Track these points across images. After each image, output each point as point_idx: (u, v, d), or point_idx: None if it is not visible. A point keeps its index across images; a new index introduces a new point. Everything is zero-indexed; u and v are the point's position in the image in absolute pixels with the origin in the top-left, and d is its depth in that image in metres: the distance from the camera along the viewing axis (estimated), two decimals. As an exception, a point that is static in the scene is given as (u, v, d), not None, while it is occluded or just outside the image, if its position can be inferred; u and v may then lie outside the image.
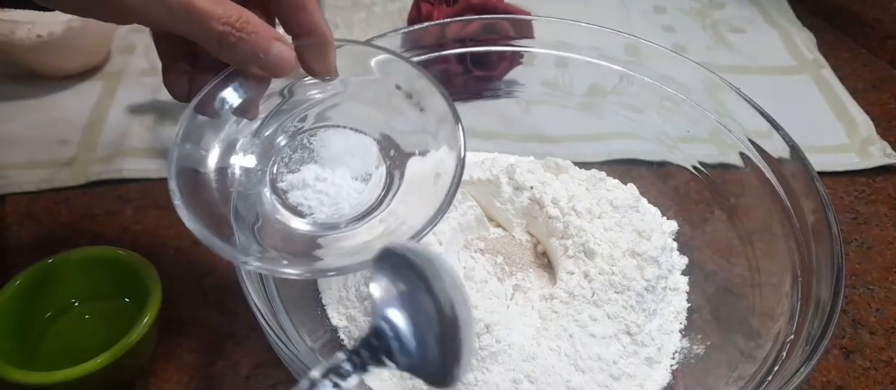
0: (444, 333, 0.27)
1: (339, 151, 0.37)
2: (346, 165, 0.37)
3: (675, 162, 0.50)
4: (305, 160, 0.37)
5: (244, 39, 0.29)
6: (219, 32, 0.29)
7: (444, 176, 0.34)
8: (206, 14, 0.28)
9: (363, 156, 0.37)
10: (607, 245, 0.42)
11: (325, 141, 0.37)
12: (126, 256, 0.43)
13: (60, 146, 0.57)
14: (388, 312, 0.28)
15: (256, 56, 0.30)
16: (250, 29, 0.29)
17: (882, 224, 0.54)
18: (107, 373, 0.38)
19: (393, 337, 0.27)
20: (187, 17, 0.28)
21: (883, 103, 0.66)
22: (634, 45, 0.49)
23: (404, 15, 0.67)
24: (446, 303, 0.27)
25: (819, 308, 0.34)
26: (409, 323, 0.28)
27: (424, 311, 0.27)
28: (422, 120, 0.36)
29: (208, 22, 0.28)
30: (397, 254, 0.29)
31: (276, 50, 0.31)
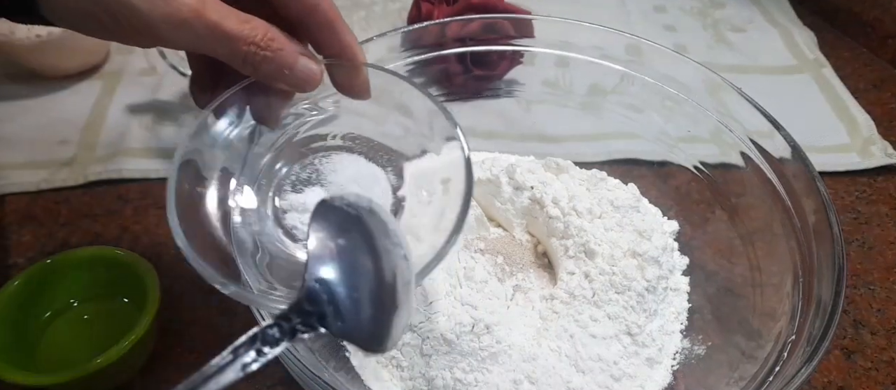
0: (381, 289, 0.26)
1: (347, 178, 0.36)
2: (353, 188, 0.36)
3: (676, 162, 0.49)
4: (311, 182, 0.36)
5: (269, 57, 0.29)
6: (244, 52, 0.28)
7: (454, 181, 0.33)
8: (232, 35, 0.28)
9: (370, 187, 0.36)
10: (608, 245, 0.42)
11: (336, 165, 0.37)
12: (125, 256, 0.43)
13: (60, 146, 0.57)
14: (322, 272, 0.26)
15: (282, 73, 0.30)
16: (276, 46, 0.29)
17: (883, 224, 0.54)
18: (106, 374, 0.38)
19: (327, 302, 0.26)
20: (214, 39, 0.28)
21: (884, 103, 0.66)
22: (635, 45, 0.48)
23: (404, 14, 0.67)
24: (385, 258, 0.26)
25: (820, 308, 0.34)
26: (344, 284, 0.26)
27: (363, 270, 0.26)
28: (411, 123, 0.36)
29: (234, 43, 0.28)
30: (336, 206, 0.27)
31: (301, 66, 0.30)
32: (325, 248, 0.27)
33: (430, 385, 0.38)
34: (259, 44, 0.29)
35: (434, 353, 0.39)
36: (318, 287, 0.26)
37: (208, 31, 0.27)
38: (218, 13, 0.27)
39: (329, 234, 0.27)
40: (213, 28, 0.27)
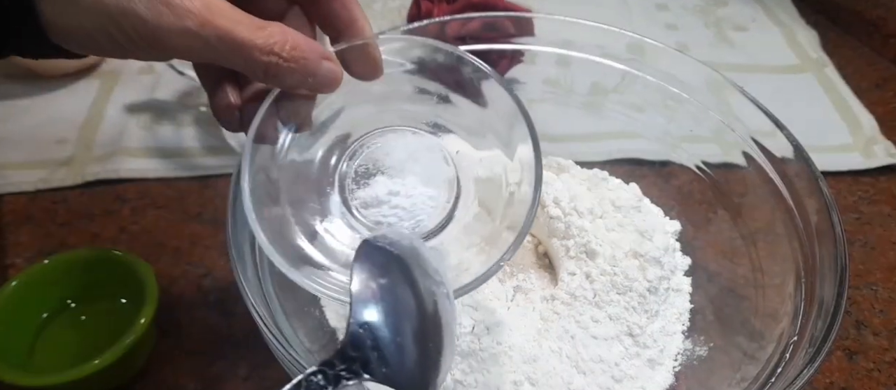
0: (425, 331, 0.25)
1: (402, 158, 0.35)
2: (414, 173, 0.35)
3: (678, 161, 0.49)
4: (371, 172, 0.35)
5: (293, 68, 0.27)
6: (264, 63, 0.27)
7: (518, 201, 0.33)
8: (248, 45, 0.26)
9: (428, 160, 0.36)
10: (609, 245, 0.42)
11: (386, 147, 0.36)
12: (123, 257, 0.42)
13: (58, 146, 0.57)
14: (365, 315, 0.25)
15: (306, 81, 0.29)
16: (298, 54, 0.27)
17: (886, 224, 0.54)
18: (105, 375, 0.38)
19: (371, 347, 0.25)
20: (228, 49, 0.26)
21: (887, 102, 0.66)
22: (637, 44, 0.48)
23: (404, 12, 0.67)
24: (428, 299, 0.26)
25: (822, 309, 0.34)
26: (388, 325, 0.25)
27: (405, 308, 0.26)
28: (481, 113, 0.35)
29: (251, 52, 0.26)
30: (377, 246, 0.27)
31: (324, 70, 0.29)
32: (368, 290, 0.26)
33: (429, 386, 0.38)
34: (280, 54, 0.27)
35: (434, 354, 0.38)
36: (362, 331, 0.25)
37: (219, 41, 0.26)
38: (228, 19, 0.26)
39: (372, 275, 0.27)
40: (224, 37, 0.26)
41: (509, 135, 0.34)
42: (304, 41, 0.28)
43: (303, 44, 0.28)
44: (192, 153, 0.57)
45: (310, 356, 0.35)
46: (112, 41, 0.26)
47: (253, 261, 0.36)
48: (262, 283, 0.36)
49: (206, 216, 0.52)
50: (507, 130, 0.34)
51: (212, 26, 0.25)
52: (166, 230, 0.51)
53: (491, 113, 0.35)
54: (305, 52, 0.28)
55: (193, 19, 0.25)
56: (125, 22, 0.25)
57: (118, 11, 0.24)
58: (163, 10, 0.25)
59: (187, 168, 0.55)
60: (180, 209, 0.53)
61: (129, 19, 0.25)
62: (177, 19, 0.25)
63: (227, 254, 0.33)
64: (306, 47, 0.28)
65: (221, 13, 0.26)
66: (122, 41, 0.26)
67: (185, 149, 0.57)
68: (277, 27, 0.27)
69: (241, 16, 0.26)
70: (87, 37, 0.26)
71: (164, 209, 0.52)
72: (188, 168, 0.55)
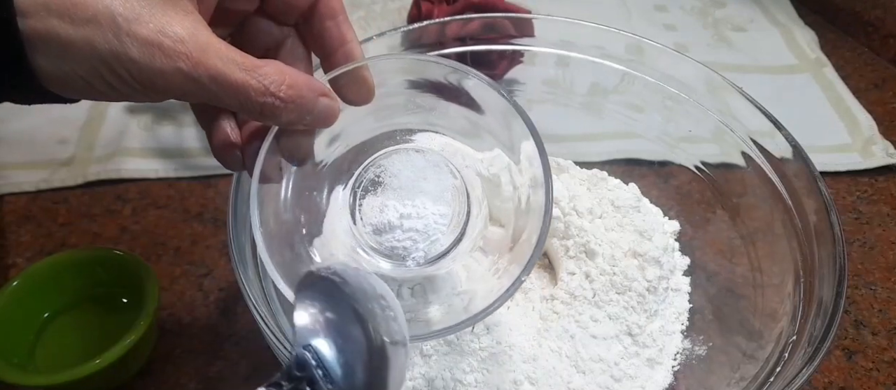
0: (372, 361, 0.26)
1: (410, 178, 0.35)
2: (423, 192, 0.35)
3: (677, 161, 0.49)
4: (380, 197, 0.35)
5: (288, 106, 0.27)
6: (260, 104, 0.26)
7: (531, 209, 0.32)
8: (243, 86, 0.26)
9: (436, 177, 0.36)
10: (608, 245, 0.42)
11: (392, 170, 0.35)
12: (124, 257, 0.43)
13: (59, 146, 0.57)
14: (312, 341, 0.26)
15: (303, 118, 0.28)
16: (294, 94, 0.27)
17: (885, 224, 0.54)
18: (106, 374, 0.38)
19: (316, 366, 0.26)
20: (222, 91, 0.26)
21: (885, 102, 0.66)
22: (636, 44, 0.48)
23: (404, 13, 0.67)
24: (374, 326, 0.26)
25: (821, 308, 0.34)
26: (335, 350, 0.26)
27: (352, 338, 0.27)
28: (477, 118, 0.35)
29: (247, 94, 0.26)
30: (322, 277, 0.27)
31: (321, 107, 0.28)
32: (311, 316, 0.27)
33: (430, 385, 0.38)
34: (276, 94, 0.26)
35: (434, 354, 0.38)
36: (307, 354, 0.26)
37: (213, 82, 0.25)
38: (222, 60, 0.25)
39: (314, 302, 0.27)
40: (218, 78, 0.25)
41: (510, 136, 0.34)
42: (300, 79, 0.28)
43: (299, 82, 0.27)
44: (192, 153, 0.57)
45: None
46: (106, 85, 0.25)
47: (253, 260, 0.36)
48: (263, 283, 0.36)
49: (207, 216, 0.52)
50: (507, 131, 0.34)
51: (204, 68, 0.25)
52: (167, 230, 0.51)
53: (489, 118, 0.35)
54: (302, 90, 0.27)
55: (186, 61, 0.25)
56: (118, 65, 0.24)
57: (111, 55, 0.24)
58: (155, 52, 0.24)
59: (188, 168, 0.56)
60: (181, 209, 0.53)
61: (122, 63, 0.24)
62: (169, 61, 0.24)
63: (228, 254, 0.34)
64: (303, 85, 0.27)
65: (216, 54, 0.25)
66: (117, 85, 0.25)
67: (186, 149, 0.57)
68: (273, 67, 0.27)
69: (235, 55, 0.26)
70: (82, 82, 0.25)
71: (165, 209, 0.53)
72: (189, 168, 0.56)
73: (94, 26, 0.24)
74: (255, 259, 0.36)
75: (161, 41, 0.24)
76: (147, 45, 0.24)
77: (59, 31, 0.24)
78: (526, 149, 0.33)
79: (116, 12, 0.24)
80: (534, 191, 0.33)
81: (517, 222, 0.35)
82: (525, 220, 0.34)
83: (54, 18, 0.24)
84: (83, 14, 0.24)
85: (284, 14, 0.31)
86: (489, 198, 0.46)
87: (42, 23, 0.24)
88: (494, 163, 0.47)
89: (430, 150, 0.36)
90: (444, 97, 0.35)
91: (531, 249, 0.30)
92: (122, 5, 0.24)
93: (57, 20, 0.24)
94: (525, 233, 0.33)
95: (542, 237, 0.30)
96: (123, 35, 0.24)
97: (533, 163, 0.32)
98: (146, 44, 0.24)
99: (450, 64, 0.33)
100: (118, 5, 0.24)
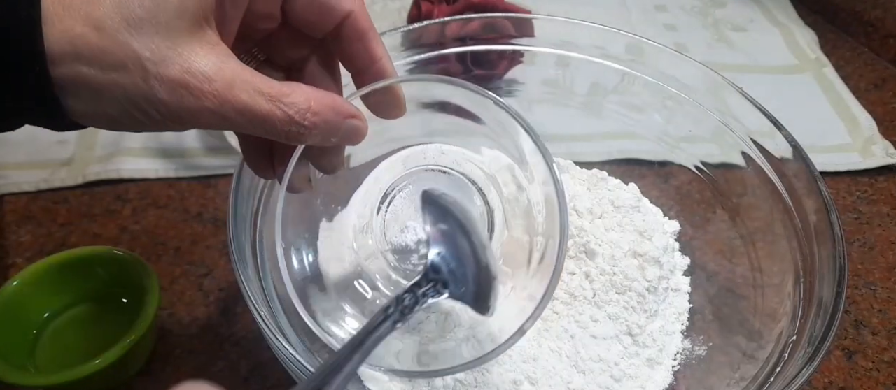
0: (480, 275, 0.32)
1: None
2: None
3: (677, 161, 0.49)
4: (402, 219, 0.36)
5: (314, 132, 0.27)
6: (285, 132, 0.27)
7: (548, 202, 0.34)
8: (268, 118, 0.26)
9: (462, 199, 0.36)
10: (608, 245, 0.42)
11: (418, 188, 0.36)
12: (124, 256, 0.43)
13: (58, 146, 0.57)
14: (440, 248, 0.32)
15: (328, 140, 0.29)
16: (319, 120, 0.27)
17: (884, 224, 0.54)
18: (106, 374, 0.38)
19: (448, 272, 0.31)
20: (249, 122, 0.26)
21: (885, 102, 0.66)
22: (636, 44, 0.48)
23: (404, 14, 0.67)
24: (480, 249, 0.32)
25: (821, 308, 0.34)
26: (455, 257, 0.32)
27: (464, 251, 0.32)
28: (459, 122, 0.36)
29: (271, 124, 0.26)
30: (434, 197, 0.33)
31: (346, 128, 0.29)
32: (438, 231, 0.33)
33: (430, 385, 0.38)
34: (300, 122, 0.27)
35: (434, 354, 0.38)
36: (439, 259, 0.32)
37: (239, 115, 0.26)
38: (247, 92, 0.26)
39: (435, 220, 0.33)
40: (244, 112, 0.26)
41: (515, 147, 0.35)
42: (326, 102, 0.28)
43: (324, 107, 0.27)
44: (192, 153, 0.57)
45: (310, 355, 0.36)
46: (136, 122, 0.26)
47: (254, 260, 0.36)
48: (263, 283, 0.36)
49: (207, 216, 0.52)
50: (512, 142, 0.35)
51: (231, 104, 0.25)
52: (167, 230, 0.51)
53: (487, 128, 0.36)
54: (327, 115, 0.27)
55: (213, 100, 0.25)
56: (148, 106, 0.25)
57: (141, 98, 0.25)
58: (183, 92, 0.25)
59: (188, 168, 0.56)
60: (181, 209, 0.53)
61: (152, 104, 0.25)
62: (196, 100, 0.25)
63: (228, 254, 0.34)
64: (328, 109, 0.28)
65: (242, 87, 0.26)
66: (146, 121, 0.26)
67: (186, 149, 0.57)
68: (299, 94, 0.27)
69: (261, 85, 0.26)
70: (112, 120, 0.26)
71: (165, 209, 0.53)
72: (189, 168, 0.56)
73: (123, 72, 0.24)
74: (255, 259, 0.36)
75: (187, 81, 0.25)
76: (175, 87, 0.25)
77: (89, 77, 0.24)
78: (532, 161, 0.34)
79: (144, 57, 0.24)
80: (547, 209, 0.34)
81: (531, 236, 0.36)
82: (538, 236, 0.35)
83: (84, 66, 0.24)
84: (111, 60, 0.24)
85: (309, 33, 0.31)
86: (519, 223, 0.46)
87: (72, 70, 0.24)
88: (495, 164, 0.47)
89: (454, 173, 0.37)
90: (447, 111, 0.36)
91: (551, 271, 0.31)
92: (148, 49, 0.24)
93: (86, 67, 0.24)
94: (539, 251, 0.35)
95: (561, 257, 0.31)
96: (151, 78, 0.24)
97: (545, 181, 0.33)
98: (174, 85, 0.25)
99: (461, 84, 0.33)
100: (144, 49, 0.24)
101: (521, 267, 0.36)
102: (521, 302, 0.33)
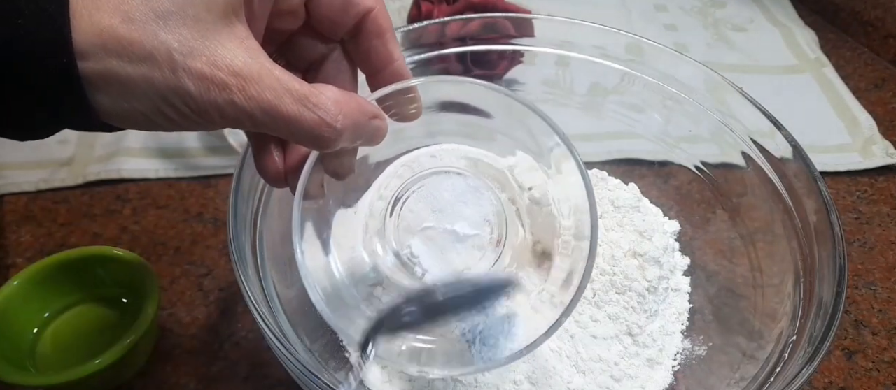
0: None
1: (450, 201, 0.36)
2: (462, 217, 0.36)
3: (677, 161, 0.49)
4: (418, 220, 0.36)
5: (344, 134, 0.27)
6: (314, 135, 0.26)
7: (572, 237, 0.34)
8: (295, 119, 0.26)
9: (476, 200, 0.36)
10: (608, 245, 0.42)
11: (433, 190, 0.36)
12: (124, 256, 0.43)
13: (59, 146, 0.57)
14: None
15: (354, 143, 0.29)
16: (349, 123, 0.27)
17: (884, 224, 0.54)
18: (106, 374, 0.38)
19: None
20: (274, 122, 0.26)
21: (885, 102, 0.66)
22: (636, 44, 0.48)
23: (404, 14, 0.67)
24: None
25: (821, 308, 0.34)
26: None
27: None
28: (481, 121, 0.36)
29: (298, 126, 0.26)
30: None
31: (371, 129, 0.28)
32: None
33: (430, 385, 0.38)
34: (332, 125, 0.26)
35: (434, 354, 0.38)
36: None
37: (265, 115, 0.25)
38: (274, 91, 0.25)
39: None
40: (270, 111, 0.25)
41: (536, 143, 0.35)
42: (353, 105, 0.27)
43: (353, 109, 0.27)
44: (193, 153, 0.57)
45: (310, 355, 0.36)
46: (165, 118, 0.26)
47: (253, 260, 0.36)
48: (263, 283, 0.36)
49: (207, 216, 0.52)
50: (535, 143, 0.35)
51: (256, 101, 0.25)
52: (167, 230, 0.51)
53: (498, 122, 0.36)
54: (356, 117, 0.27)
55: (239, 94, 0.25)
56: (177, 100, 0.25)
57: (169, 91, 0.24)
58: (210, 86, 0.24)
59: (188, 168, 0.56)
60: (181, 209, 0.53)
61: (180, 97, 0.25)
62: (224, 94, 0.25)
63: (228, 254, 0.34)
64: (356, 112, 0.27)
65: (269, 84, 0.25)
66: (176, 118, 0.25)
67: (186, 149, 0.57)
68: (327, 96, 0.26)
69: (289, 83, 0.26)
70: (141, 116, 0.26)
71: (165, 209, 0.53)
72: (189, 168, 0.56)
73: (152, 64, 0.24)
74: (255, 259, 0.36)
75: (215, 74, 0.24)
76: (202, 79, 0.24)
77: (118, 71, 0.24)
78: (556, 157, 0.34)
79: (172, 48, 0.24)
80: (572, 207, 0.34)
81: (552, 237, 0.36)
82: (568, 247, 0.35)
83: (113, 59, 0.24)
84: (140, 52, 0.24)
85: (330, 32, 0.30)
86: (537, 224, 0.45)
87: (101, 64, 0.24)
88: (495, 164, 0.47)
89: (469, 174, 0.37)
90: (454, 110, 0.36)
91: (579, 281, 0.31)
92: (176, 40, 0.24)
93: (115, 60, 0.24)
94: (564, 252, 0.35)
95: (589, 268, 0.31)
96: (180, 70, 0.24)
97: (572, 183, 0.33)
98: (202, 77, 0.24)
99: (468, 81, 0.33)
100: (173, 41, 0.24)
101: (541, 268, 0.36)
102: (543, 307, 0.33)
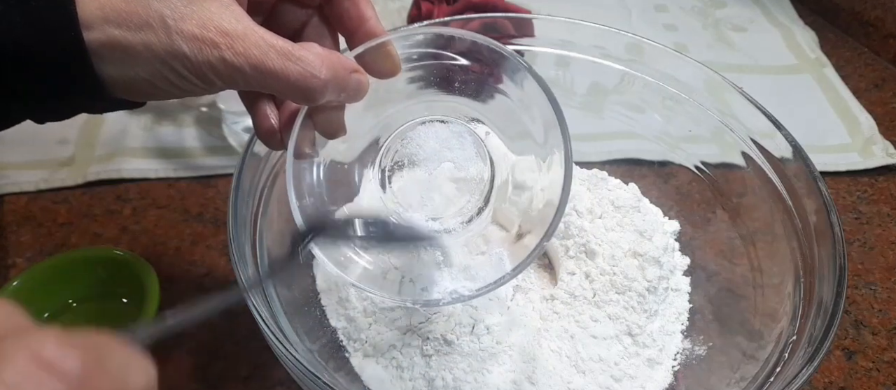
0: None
1: (435, 149, 0.37)
2: (448, 161, 0.37)
3: (677, 161, 0.49)
4: (404, 166, 0.37)
5: (328, 86, 0.29)
6: (301, 88, 0.29)
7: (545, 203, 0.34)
8: (281, 73, 0.28)
9: (460, 146, 0.38)
10: (608, 245, 0.42)
11: (418, 140, 0.37)
12: (124, 256, 0.43)
13: (59, 146, 0.57)
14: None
15: (337, 96, 0.31)
16: (332, 75, 0.29)
17: (884, 224, 0.54)
18: (105, 374, 0.38)
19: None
20: (263, 78, 0.28)
21: (885, 102, 0.66)
22: (636, 44, 0.48)
23: (404, 14, 0.67)
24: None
25: (821, 308, 0.34)
26: None
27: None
28: (514, 111, 0.36)
29: (285, 79, 0.28)
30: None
31: (353, 83, 0.31)
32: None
33: (430, 385, 0.38)
34: (317, 76, 0.28)
35: (434, 354, 0.38)
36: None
37: (254, 71, 0.28)
38: (259, 48, 0.28)
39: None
40: (258, 66, 0.28)
41: (545, 139, 0.35)
42: (334, 59, 0.30)
43: (334, 62, 0.29)
44: (192, 153, 0.57)
45: (310, 355, 0.36)
46: (168, 83, 0.28)
47: (253, 260, 0.36)
48: (263, 283, 0.36)
49: (207, 216, 0.52)
50: (543, 134, 0.35)
51: (244, 57, 0.27)
52: (167, 230, 0.51)
53: (525, 116, 0.36)
54: (338, 70, 0.29)
55: (228, 51, 0.27)
56: (175, 62, 0.27)
57: (167, 54, 0.27)
58: (202, 46, 0.27)
59: (188, 168, 0.56)
60: (181, 209, 0.53)
61: (177, 59, 0.27)
62: (215, 52, 0.27)
63: (228, 254, 0.34)
64: (337, 65, 0.30)
65: (254, 42, 0.28)
66: (176, 81, 0.28)
67: (186, 149, 0.57)
68: (308, 50, 0.29)
69: (273, 40, 0.28)
70: (146, 83, 0.28)
71: (166, 209, 0.53)
72: (189, 168, 0.56)
73: (149, 30, 0.27)
74: (255, 259, 0.36)
75: (205, 35, 0.27)
76: (194, 40, 0.27)
77: (120, 38, 0.27)
78: (555, 160, 0.34)
79: (165, 14, 0.27)
80: (549, 193, 0.34)
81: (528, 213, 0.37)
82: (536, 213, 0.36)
83: (114, 28, 0.27)
84: (138, 20, 0.27)
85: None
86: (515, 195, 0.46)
87: (104, 33, 0.27)
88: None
89: (454, 121, 0.38)
90: (482, 79, 0.37)
91: (551, 217, 0.32)
92: (167, 7, 0.27)
93: (116, 29, 0.27)
94: (539, 204, 0.35)
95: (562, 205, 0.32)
96: (173, 33, 0.27)
97: (554, 176, 0.34)
98: (194, 39, 0.27)
99: (482, 40, 0.34)
100: (164, 7, 0.27)
101: (516, 222, 0.37)
102: (516, 251, 0.34)
